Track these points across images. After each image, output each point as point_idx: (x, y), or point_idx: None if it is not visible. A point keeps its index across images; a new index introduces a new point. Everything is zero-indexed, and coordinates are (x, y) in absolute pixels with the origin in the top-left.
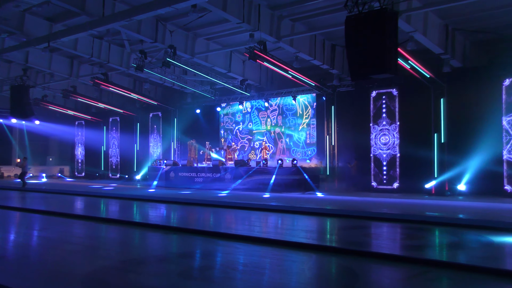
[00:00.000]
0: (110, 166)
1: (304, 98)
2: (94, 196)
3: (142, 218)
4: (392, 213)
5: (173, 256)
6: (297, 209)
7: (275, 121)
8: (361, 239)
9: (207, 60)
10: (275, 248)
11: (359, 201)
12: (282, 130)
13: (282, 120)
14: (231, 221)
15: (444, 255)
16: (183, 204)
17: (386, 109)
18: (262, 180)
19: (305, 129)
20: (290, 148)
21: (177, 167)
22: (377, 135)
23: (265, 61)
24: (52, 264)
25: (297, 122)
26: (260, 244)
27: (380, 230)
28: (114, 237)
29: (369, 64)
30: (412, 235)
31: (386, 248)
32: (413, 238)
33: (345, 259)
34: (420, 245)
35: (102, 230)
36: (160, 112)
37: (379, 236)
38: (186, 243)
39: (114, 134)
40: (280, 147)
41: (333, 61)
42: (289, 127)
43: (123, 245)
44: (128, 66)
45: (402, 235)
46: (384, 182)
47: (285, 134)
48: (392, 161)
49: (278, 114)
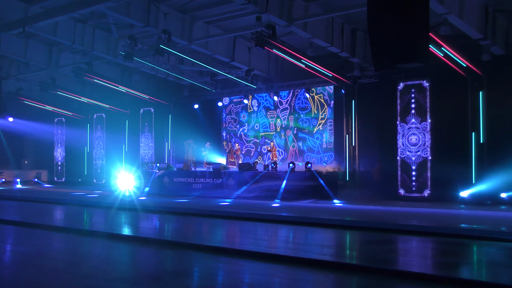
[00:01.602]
0: (95, 170)
1: (319, 96)
2: (76, 205)
3: (131, 231)
4: (422, 225)
5: (168, 275)
6: (312, 220)
7: (286, 122)
8: (386, 256)
9: (206, 47)
10: (286, 266)
11: (384, 211)
12: (294, 132)
13: (294, 120)
14: (234, 234)
15: (483, 274)
16: (179, 215)
17: (415, 104)
18: (270, 187)
19: (321, 131)
20: (303, 153)
21: (171, 171)
22: (405, 135)
23: (274, 48)
24: (28, 283)
25: (311, 123)
26: (268, 261)
27: (408, 245)
28: (99, 253)
29: (396, 52)
30: (446, 250)
31: (415, 266)
32: (447, 254)
33: (368, 279)
34: (455, 263)
35: (86, 244)
36: (152, 108)
37: (407, 252)
38: (183, 260)
39: (99, 133)
40: (292, 151)
41: (353, 48)
42: (302, 128)
43: (109, 262)
44: (115, 55)
45: (434, 251)
46: (413, 189)
47: (297, 137)
48: (422, 164)
49: (289, 114)
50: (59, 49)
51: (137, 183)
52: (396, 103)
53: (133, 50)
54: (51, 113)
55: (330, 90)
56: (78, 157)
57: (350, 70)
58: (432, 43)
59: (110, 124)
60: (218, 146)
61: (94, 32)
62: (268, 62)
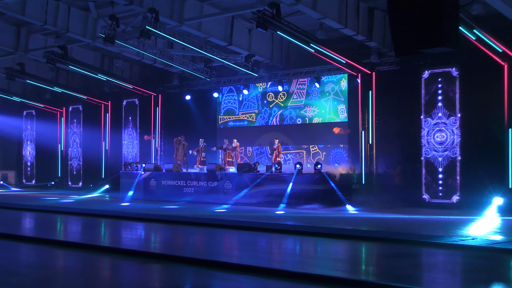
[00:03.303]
0: (70, 171)
1: (330, 86)
2: (49, 212)
3: (112, 242)
4: (449, 236)
5: None
6: (322, 230)
7: (292, 115)
8: (408, 272)
9: (200, 29)
10: (292, 282)
11: (406, 219)
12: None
13: (301, 114)
14: (232, 246)
15: None
16: (168, 223)
17: (442, 95)
18: (274, 191)
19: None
20: (310, 153)
21: (159, 173)
22: (431, 131)
23: (278, 30)
24: None
25: (321, 118)
26: (271, 277)
27: (434, 259)
28: (75, 267)
29: (420, 34)
30: (478, 266)
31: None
32: (479, 270)
33: None
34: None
35: (59, 257)
36: (137, 99)
37: (433, 267)
38: (172, 276)
39: (75, 128)
40: (300, 152)
41: (370, 30)
42: (310, 123)
43: (87, 278)
44: (94, 37)
45: (464, 266)
46: (439, 195)
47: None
48: (450, 166)
49: (295, 106)
50: (28, 30)
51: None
52: (420, 94)
53: (115, 32)
54: (19, 104)
55: (343, 79)
56: (50, 156)
57: (366, 56)
58: (462, 24)
59: (88, 118)
60: (214, 144)
61: (69, 11)
62: (272, 46)
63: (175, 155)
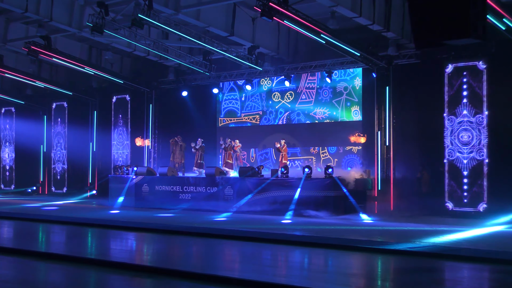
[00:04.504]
0: (54, 175)
1: (343, 81)
2: (29, 220)
3: (100, 253)
4: (476, 249)
5: None
6: (333, 241)
7: (300, 113)
8: None
9: (198, 18)
10: None
11: (426, 230)
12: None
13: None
14: (233, 259)
15: None
16: (162, 233)
17: (468, 91)
18: (280, 197)
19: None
20: (321, 159)
21: (153, 177)
22: (454, 131)
23: (285, 19)
24: None
25: (332, 116)
26: None
27: (458, 274)
28: (58, 281)
29: (443, 24)
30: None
31: None
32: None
33: None
34: None
35: (41, 270)
36: (128, 95)
37: (457, 283)
38: None
39: (60, 128)
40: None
41: (388, 19)
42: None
43: None
44: (80, 26)
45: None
46: (464, 202)
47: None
48: (476, 170)
49: (304, 103)
50: (7, 18)
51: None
52: (443, 90)
53: (104, 21)
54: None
55: (357, 78)
56: (31, 159)
57: (383, 48)
58: (490, 13)
59: (73, 116)
60: (213, 145)
61: None
62: (278, 37)
63: (172, 157)
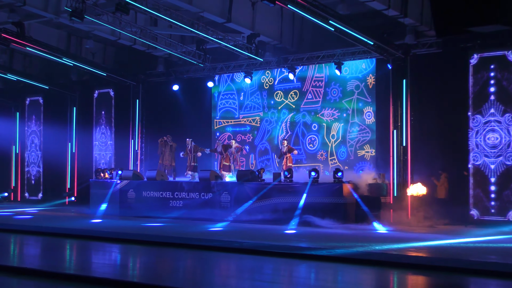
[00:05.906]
0: (27, 180)
1: (355, 73)
2: None
3: (80, 268)
4: (505, 263)
5: None
6: (343, 254)
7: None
8: None
9: (191, 2)
10: None
11: (449, 242)
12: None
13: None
14: (229, 274)
15: None
16: (150, 245)
17: (496, 86)
18: (283, 204)
19: (356, 127)
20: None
21: (140, 182)
22: (481, 132)
23: (289, 4)
24: None
25: (342, 113)
26: None
27: None
28: None
29: (468, 9)
30: None
31: None
32: None
33: None
34: None
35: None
36: (111, 89)
37: None
38: None
39: (34, 126)
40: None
41: (405, 3)
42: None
43: None
44: (58, 12)
45: None
46: (491, 211)
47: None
48: (505, 175)
49: (310, 98)
50: None
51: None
52: (467, 84)
53: (84, 5)
54: None
55: (370, 65)
56: (2, 161)
57: (400, 37)
58: None
59: (50, 113)
60: (208, 145)
61: None
62: (281, 24)
63: (161, 159)
